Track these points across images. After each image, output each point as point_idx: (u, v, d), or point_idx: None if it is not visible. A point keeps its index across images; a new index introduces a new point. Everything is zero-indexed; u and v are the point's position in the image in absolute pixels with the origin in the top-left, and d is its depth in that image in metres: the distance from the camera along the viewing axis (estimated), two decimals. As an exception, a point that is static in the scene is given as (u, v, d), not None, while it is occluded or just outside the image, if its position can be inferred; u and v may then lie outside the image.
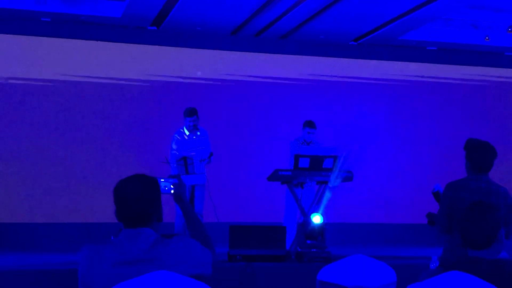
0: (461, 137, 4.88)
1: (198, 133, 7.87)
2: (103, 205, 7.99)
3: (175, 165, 7.55)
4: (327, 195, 7.29)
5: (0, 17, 9.22)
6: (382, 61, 10.85)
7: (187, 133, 7.85)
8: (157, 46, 9.98)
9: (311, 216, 7.05)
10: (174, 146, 7.85)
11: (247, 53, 10.38)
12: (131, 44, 9.88)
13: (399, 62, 10.92)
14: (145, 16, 9.32)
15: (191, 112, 7.76)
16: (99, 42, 9.75)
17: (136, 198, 2.59)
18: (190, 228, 2.87)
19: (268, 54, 10.45)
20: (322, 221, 7.04)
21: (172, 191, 2.90)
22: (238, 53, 10.34)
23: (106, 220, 8.65)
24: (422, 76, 11.03)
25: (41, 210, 9.27)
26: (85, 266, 2.55)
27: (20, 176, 9.28)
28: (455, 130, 10.76)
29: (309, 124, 8.15)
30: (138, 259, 2.50)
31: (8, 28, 9.36)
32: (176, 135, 7.87)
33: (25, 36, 9.45)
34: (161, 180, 2.85)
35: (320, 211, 7.51)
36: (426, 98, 11.03)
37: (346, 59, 10.72)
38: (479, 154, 4.20)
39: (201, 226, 2.88)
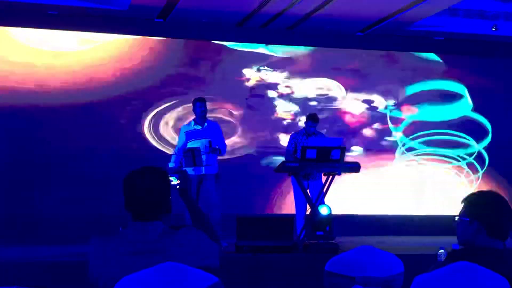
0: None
1: (206, 124, 7.84)
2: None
3: (180, 157, 7.53)
4: None
5: (7, 9, 9.23)
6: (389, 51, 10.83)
7: (193, 124, 7.86)
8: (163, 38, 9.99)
9: (319, 207, 7.06)
10: (179, 138, 7.93)
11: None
12: (138, 37, 9.88)
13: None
14: (152, 8, 9.30)
15: (201, 99, 7.87)
16: (105, 34, 9.74)
17: (146, 189, 2.60)
18: (195, 223, 2.87)
19: (274, 45, 10.42)
20: (329, 212, 7.04)
21: (178, 187, 2.91)
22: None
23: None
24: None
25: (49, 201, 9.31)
26: (95, 258, 2.57)
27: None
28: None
29: (312, 118, 8.13)
30: (146, 250, 2.50)
31: (15, 21, 9.37)
32: (183, 127, 7.95)
33: (32, 29, 9.47)
34: None
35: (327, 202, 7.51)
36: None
37: (353, 49, 10.69)
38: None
39: (206, 221, 2.88)
